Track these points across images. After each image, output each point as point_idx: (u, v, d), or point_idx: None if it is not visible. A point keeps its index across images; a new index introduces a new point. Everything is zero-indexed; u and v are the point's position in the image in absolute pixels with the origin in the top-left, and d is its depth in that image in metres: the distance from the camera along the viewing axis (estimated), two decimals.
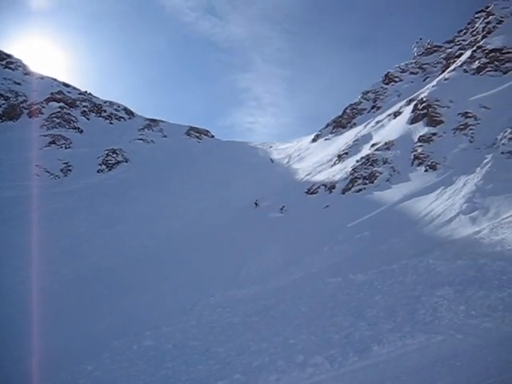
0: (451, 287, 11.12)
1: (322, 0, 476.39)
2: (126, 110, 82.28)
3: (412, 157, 34.14)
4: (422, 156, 33.20)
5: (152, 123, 77.47)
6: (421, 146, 34.55)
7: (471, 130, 33.01)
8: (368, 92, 63.87)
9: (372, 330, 9.58)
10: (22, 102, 67.62)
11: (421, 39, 69.48)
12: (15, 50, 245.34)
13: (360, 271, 15.52)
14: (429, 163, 31.85)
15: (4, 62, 74.27)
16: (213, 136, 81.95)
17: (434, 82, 44.13)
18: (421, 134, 36.35)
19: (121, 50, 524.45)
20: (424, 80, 55.18)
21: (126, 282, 22.37)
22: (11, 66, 74.72)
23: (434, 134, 35.25)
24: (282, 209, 36.25)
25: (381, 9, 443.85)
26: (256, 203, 39.26)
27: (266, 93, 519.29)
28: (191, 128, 79.92)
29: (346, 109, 64.07)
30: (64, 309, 18.46)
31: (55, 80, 79.57)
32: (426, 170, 31.50)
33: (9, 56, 76.59)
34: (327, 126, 65.70)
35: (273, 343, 10.31)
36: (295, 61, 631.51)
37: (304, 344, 9.78)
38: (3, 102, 65.08)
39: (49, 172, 49.40)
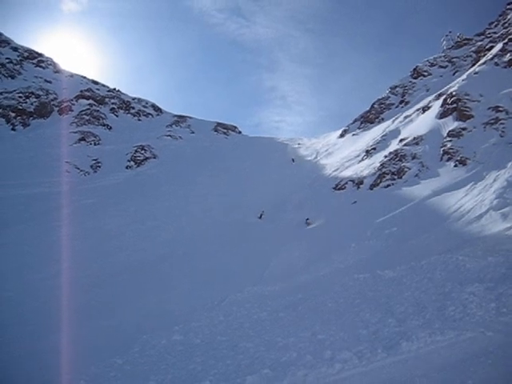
0: (481, 284, 10.97)
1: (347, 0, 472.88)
2: (153, 106, 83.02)
3: (441, 152, 33.73)
4: (451, 151, 32.77)
5: (180, 119, 78.14)
6: (450, 140, 34.11)
7: (502, 124, 32.48)
8: (396, 87, 63.30)
9: (401, 327, 9.53)
10: (52, 100, 68.61)
11: (450, 32, 68.67)
12: (46, 49, 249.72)
13: (388, 267, 15.43)
14: (458, 158, 31.43)
15: (35, 61, 75.53)
16: (240, 132, 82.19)
17: (464, 76, 43.47)
18: (450, 128, 35.87)
19: (150, 49, 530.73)
20: (453, 74, 54.44)
21: (154, 278, 22.56)
22: (42, 64, 75.97)
23: (464, 129, 34.75)
24: (306, 221, 32.42)
25: (406, 6, 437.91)
26: (261, 215, 35.98)
27: (292, 91, 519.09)
28: (218, 124, 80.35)
29: (374, 104, 63.60)
30: (93, 304, 18.74)
31: (84, 78, 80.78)
32: (455, 166, 31.07)
33: (40, 55, 77.82)
34: (355, 121, 65.29)
35: (301, 338, 10.34)
36: (320, 60, 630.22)
37: (332, 339, 9.78)
38: (34, 99, 66.05)
39: (78, 168, 50.07)
